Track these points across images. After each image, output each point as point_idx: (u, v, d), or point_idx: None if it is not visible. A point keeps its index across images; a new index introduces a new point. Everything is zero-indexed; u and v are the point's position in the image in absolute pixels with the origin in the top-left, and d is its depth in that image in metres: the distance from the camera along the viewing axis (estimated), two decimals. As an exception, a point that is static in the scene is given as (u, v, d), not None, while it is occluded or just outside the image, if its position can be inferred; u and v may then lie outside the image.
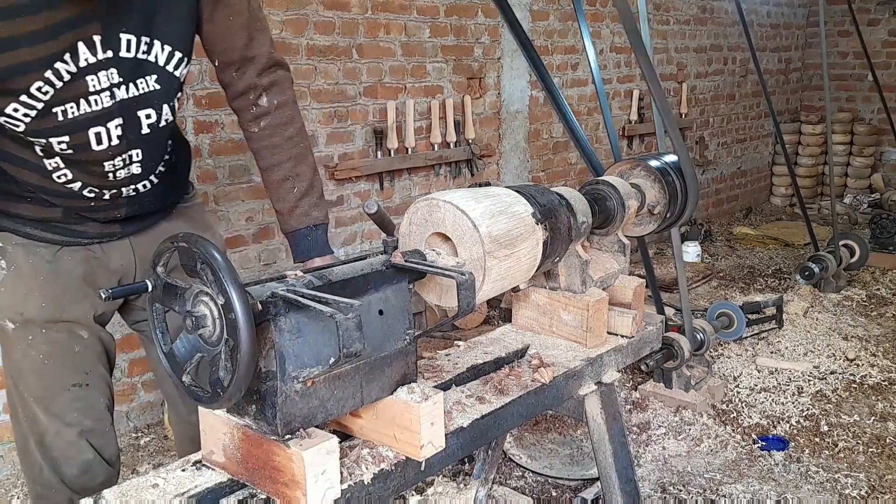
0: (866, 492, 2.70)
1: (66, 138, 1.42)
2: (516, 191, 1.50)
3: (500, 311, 4.35)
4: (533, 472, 2.82)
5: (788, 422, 3.21)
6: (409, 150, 4.14)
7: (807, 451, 2.99)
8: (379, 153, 4.02)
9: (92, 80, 1.39)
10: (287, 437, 1.09)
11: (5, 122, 1.38)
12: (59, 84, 1.36)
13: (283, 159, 1.71)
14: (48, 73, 1.34)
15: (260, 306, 1.05)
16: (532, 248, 1.45)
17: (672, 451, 2.99)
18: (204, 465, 1.20)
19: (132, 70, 1.44)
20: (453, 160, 4.41)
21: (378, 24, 3.94)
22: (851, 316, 4.45)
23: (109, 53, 1.39)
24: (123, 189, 1.58)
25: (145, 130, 1.51)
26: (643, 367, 3.37)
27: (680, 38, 6.24)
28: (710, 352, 3.66)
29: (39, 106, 1.37)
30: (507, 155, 4.82)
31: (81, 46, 1.36)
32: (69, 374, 1.64)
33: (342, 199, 3.94)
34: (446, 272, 1.22)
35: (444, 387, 1.45)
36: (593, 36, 4.62)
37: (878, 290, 4.93)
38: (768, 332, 4.12)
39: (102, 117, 1.44)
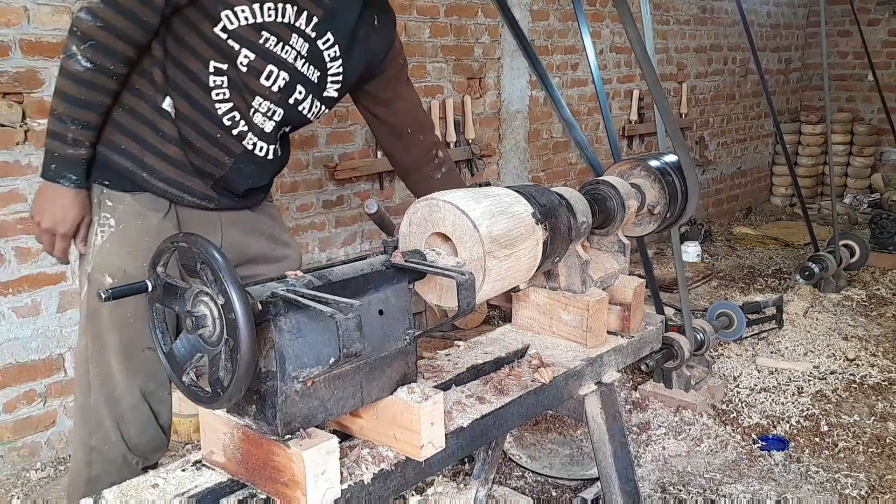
0: (866, 492, 2.70)
1: (253, 57, 1.66)
2: (516, 191, 1.50)
3: (500, 311, 4.35)
4: (533, 472, 2.82)
5: (788, 422, 3.21)
6: (409, 150, 4.13)
7: (807, 451, 2.99)
8: (379, 153, 4.02)
9: (294, 38, 1.69)
10: (287, 437, 1.09)
11: (226, 14, 1.61)
12: (277, 19, 1.65)
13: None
14: (280, 6, 1.64)
15: (260, 306, 1.05)
16: (532, 248, 1.45)
17: (672, 451, 2.99)
18: (204, 465, 1.20)
19: (315, 57, 1.74)
20: (453, 160, 4.41)
21: (378, 24, 3.94)
22: (851, 316, 4.45)
23: (313, 35, 1.72)
24: (247, 137, 1.74)
25: (290, 101, 1.75)
26: (643, 367, 3.37)
27: (680, 38, 6.24)
28: (710, 352, 3.66)
29: (259, 20, 1.64)
30: (507, 155, 4.82)
31: (305, 14, 1.68)
32: (147, 336, 1.70)
33: (342, 199, 3.94)
34: (446, 272, 1.22)
35: (444, 387, 1.45)
36: (593, 36, 4.62)
37: (878, 290, 4.93)
38: (768, 332, 4.12)
39: (282, 65, 1.70)
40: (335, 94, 1.84)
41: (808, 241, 5.14)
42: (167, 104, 1.69)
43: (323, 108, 1.84)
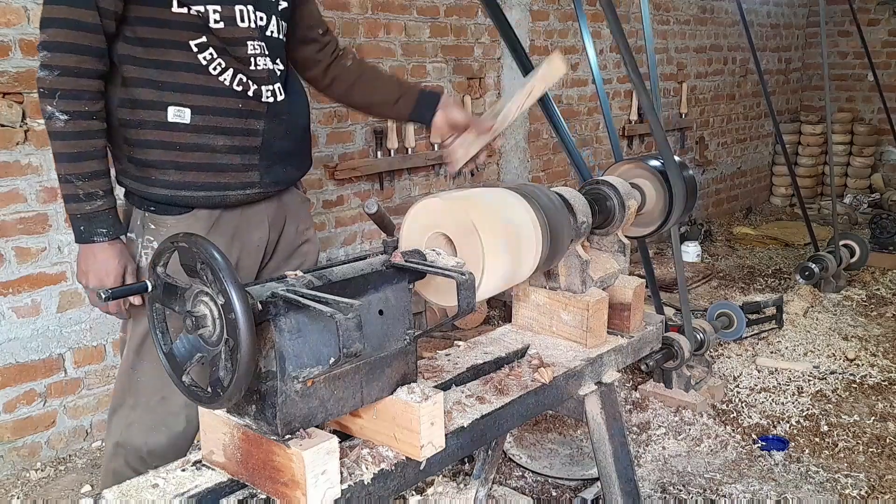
0: (866, 492, 2.70)
1: (219, 8, 1.62)
2: (516, 191, 1.50)
3: (500, 310, 4.35)
4: (533, 472, 2.82)
5: (788, 422, 3.21)
6: (409, 150, 4.14)
7: (807, 451, 2.99)
8: (379, 153, 4.02)
9: None
10: (287, 437, 1.09)
11: None
12: None
13: (383, 74, 2.11)
14: None
15: (260, 306, 1.05)
16: (532, 248, 1.45)
17: (672, 451, 2.99)
18: (204, 465, 1.20)
19: None
20: (453, 160, 4.41)
21: (378, 24, 3.94)
22: (851, 316, 4.45)
23: None
24: (264, 88, 1.73)
25: (268, 32, 1.74)
26: (643, 367, 3.37)
27: (680, 38, 6.24)
28: (710, 352, 3.66)
29: None
30: (507, 155, 4.82)
31: None
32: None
33: (342, 199, 3.94)
34: (446, 272, 1.22)
35: (444, 387, 1.45)
36: (593, 36, 4.62)
37: (878, 290, 4.93)
38: (768, 332, 4.12)
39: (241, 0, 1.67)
40: (286, 4, 1.81)
41: (808, 241, 5.14)
42: (172, 115, 1.66)
43: (283, 23, 1.81)
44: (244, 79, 1.70)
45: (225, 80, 1.68)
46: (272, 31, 1.75)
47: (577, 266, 1.66)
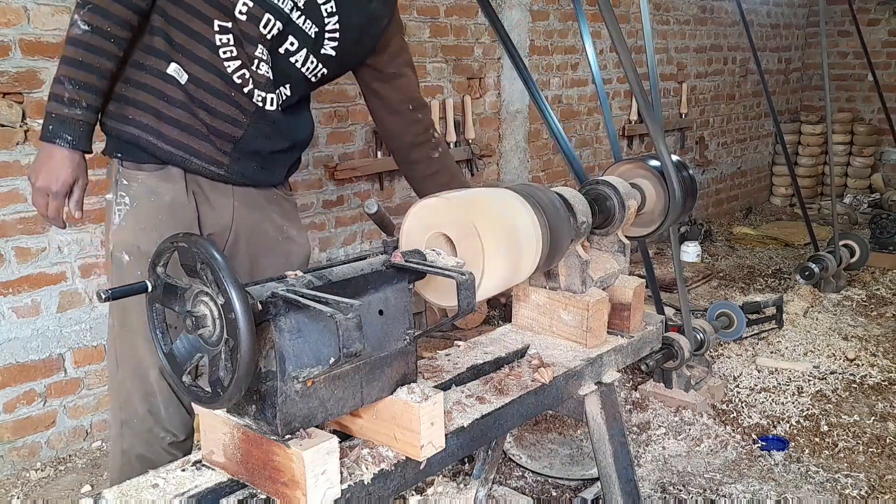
0: (866, 492, 2.70)
1: (252, 4, 1.68)
2: (516, 191, 1.50)
3: (500, 310, 4.35)
4: (533, 472, 2.82)
5: (788, 422, 3.21)
6: (409, 150, 4.13)
7: (807, 451, 2.99)
8: (379, 153, 4.02)
9: None
10: (287, 437, 1.09)
11: None
12: None
13: (458, 177, 2.15)
14: None
15: (260, 306, 1.05)
16: (532, 248, 1.45)
17: (672, 451, 2.99)
18: (204, 465, 1.20)
19: (311, 11, 1.77)
20: (454, 160, 4.41)
21: (378, 24, 3.94)
22: (851, 316, 4.45)
23: None
24: (256, 92, 1.77)
25: (281, 50, 1.78)
26: (643, 367, 3.37)
27: (680, 38, 6.24)
28: (710, 352, 3.66)
29: None
30: (507, 155, 4.82)
31: None
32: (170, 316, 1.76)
33: (342, 199, 3.94)
34: (446, 272, 1.22)
35: (444, 387, 1.45)
36: (593, 36, 4.62)
37: (878, 290, 4.93)
38: (768, 332, 4.12)
39: (277, 14, 1.72)
40: (333, 53, 1.85)
41: (808, 241, 5.14)
42: (173, 70, 1.72)
43: (321, 67, 1.85)
44: (247, 74, 1.75)
45: (229, 66, 1.73)
46: (297, 61, 1.81)
47: (577, 266, 1.66)
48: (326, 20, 1.80)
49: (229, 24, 1.70)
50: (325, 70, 1.87)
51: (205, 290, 1.05)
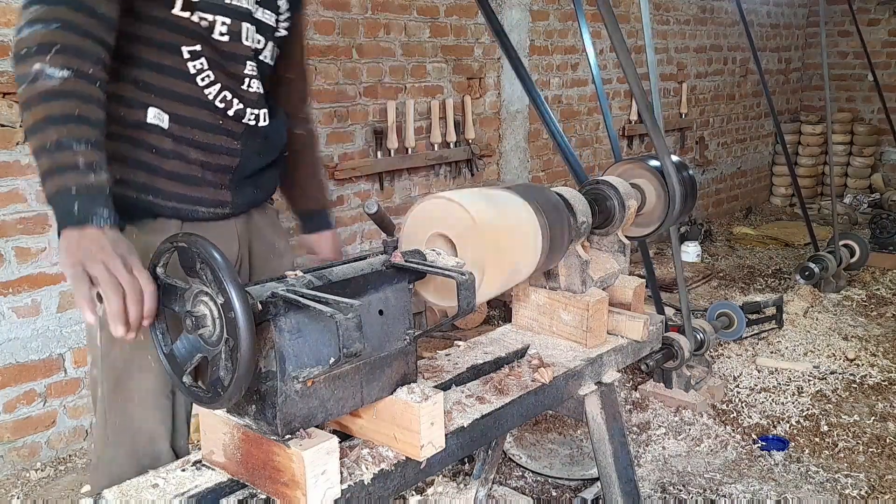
0: (866, 492, 2.70)
1: (229, 21, 1.53)
2: (516, 191, 1.50)
3: (500, 310, 4.35)
4: (533, 472, 2.82)
5: (788, 422, 3.21)
6: (409, 150, 4.14)
7: (807, 451, 2.99)
8: (379, 153, 4.02)
9: None
10: (287, 437, 1.09)
11: None
12: None
13: (314, 160, 2.00)
14: None
15: (260, 306, 1.05)
16: (532, 248, 1.45)
17: (672, 451, 2.99)
18: (204, 465, 1.20)
19: (266, 1, 1.63)
20: (453, 160, 4.41)
21: (378, 24, 3.94)
22: (851, 316, 4.45)
23: None
24: (248, 111, 1.63)
25: (261, 57, 1.65)
26: (643, 367, 3.37)
27: (680, 38, 6.24)
28: (710, 352, 3.66)
29: None
30: (507, 155, 4.82)
31: None
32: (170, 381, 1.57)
33: (342, 199, 3.94)
34: (446, 272, 1.21)
35: (444, 387, 1.45)
36: (593, 36, 4.62)
37: (878, 290, 4.93)
38: (768, 332, 4.12)
39: (248, 17, 1.58)
40: (285, 33, 1.72)
41: (808, 241, 5.14)
42: (152, 116, 1.51)
43: (276, 50, 1.71)
44: (229, 96, 1.59)
45: (210, 93, 1.56)
46: (265, 57, 1.67)
47: (577, 266, 1.65)
48: (279, 3, 1.67)
49: (200, 48, 1.51)
50: (278, 50, 1.72)
51: (204, 290, 1.05)
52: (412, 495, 2.42)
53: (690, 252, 5.54)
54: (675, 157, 1.89)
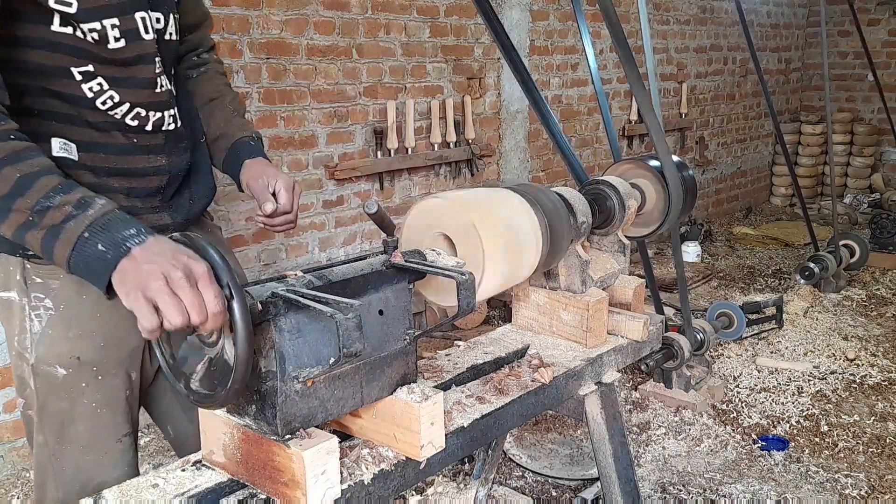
0: (866, 492, 2.70)
1: (117, 21, 1.31)
2: (516, 191, 1.50)
3: (500, 310, 4.35)
4: (533, 472, 2.82)
5: (788, 422, 3.21)
6: (409, 150, 4.14)
7: (807, 451, 2.99)
8: (379, 153, 4.02)
9: None
10: (287, 437, 1.09)
11: (58, 8, 1.25)
12: None
13: (221, 93, 1.70)
14: None
15: (260, 306, 1.05)
16: (532, 248, 1.45)
17: (672, 451, 2.99)
18: (204, 465, 1.20)
19: None
20: (453, 160, 4.42)
21: (378, 24, 3.94)
22: (851, 316, 4.45)
23: None
24: (165, 113, 1.45)
25: (166, 35, 1.44)
26: (643, 367, 3.37)
27: (680, 38, 6.24)
28: (710, 352, 3.66)
29: None
30: (507, 155, 4.82)
31: None
32: (121, 424, 1.51)
33: (342, 199, 3.94)
34: (446, 272, 1.21)
35: (444, 387, 1.45)
36: (593, 36, 4.62)
37: (878, 290, 4.93)
38: (768, 332, 4.12)
39: (140, 3, 1.36)
40: None
41: (808, 241, 5.14)
42: (58, 148, 1.34)
43: (177, 17, 1.50)
44: (143, 112, 1.41)
45: (116, 114, 1.38)
46: (170, 34, 1.46)
47: (577, 266, 1.65)
48: None
49: (92, 67, 1.33)
50: (178, 15, 1.51)
51: (205, 290, 1.05)
52: (412, 495, 2.42)
53: (690, 252, 5.54)
54: (675, 157, 1.89)
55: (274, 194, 1.56)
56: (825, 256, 4.72)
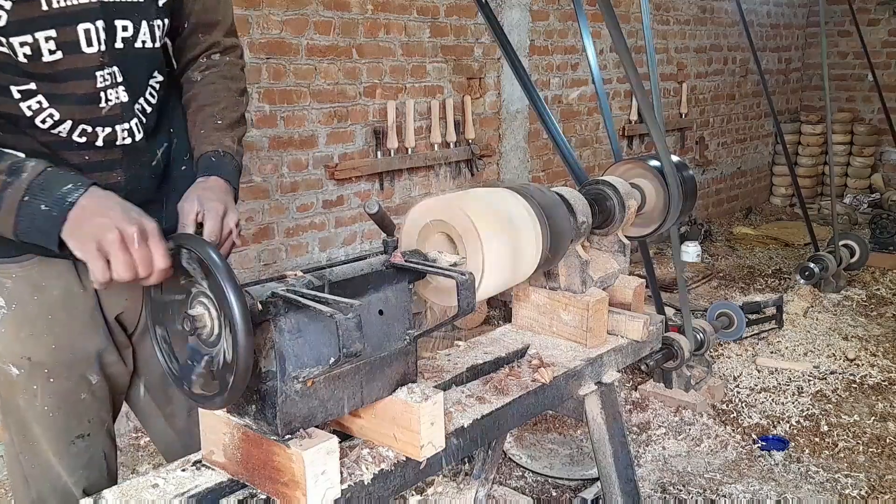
0: (866, 492, 2.70)
1: (54, 33, 1.22)
2: (516, 191, 1.50)
3: (500, 310, 4.35)
4: (533, 472, 2.82)
5: (788, 422, 3.21)
6: (409, 150, 4.14)
7: (807, 451, 2.99)
8: (379, 153, 4.02)
9: None
10: (287, 437, 1.09)
11: None
12: None
13: (216, 100, 1.56)
14: None
15: (260, 306, 1.05)
16: (532, 248, 1.45)
17: (672, 451, 2.99)
18: (204, 465, 1.20)
19: None
20: (453, 160, 4.42)
21: (378, 24, 3.94)
22: (851, 316, 4.45)
23: None
24: (118, 128, 1.36)
25: (119, 45, 1.32)
26: (643, 367, 3.37)
27: (680, 38, 6.24)
28: (710, 352, 3.66)
29: None
30: (507, 155, 4.82)
31: None
32: (75, 426, 1.50)
33: (342, 199, 3.94)
34: (446, 272, 1.21)
35: (444, 387, 1.45)
36: (593, 36, 4.62)
37: (878, 290, 4.93)
38: (768, 332, 4.11)
39: (89, 13, 1.26)
40: None
41: (808, 241, 5.14)
42: None
43: (161, 22, 1.40)
44: (88, 128, 1.34)
45: (60, 132, 1.32)
46: (142, 42, 1.37)
47: (577, 266, 1.65)
48: None
49: (32, 85, 1.26)
50: (166, 20, 1.42)
51: (202, 291, 1.05)
52: (412, 495, 2.42)
53: (690, 252, 5.54)
54: (675, 157, 1.89)
55: (201, 223, 1.38)
56: (825, 256, 4.72)
